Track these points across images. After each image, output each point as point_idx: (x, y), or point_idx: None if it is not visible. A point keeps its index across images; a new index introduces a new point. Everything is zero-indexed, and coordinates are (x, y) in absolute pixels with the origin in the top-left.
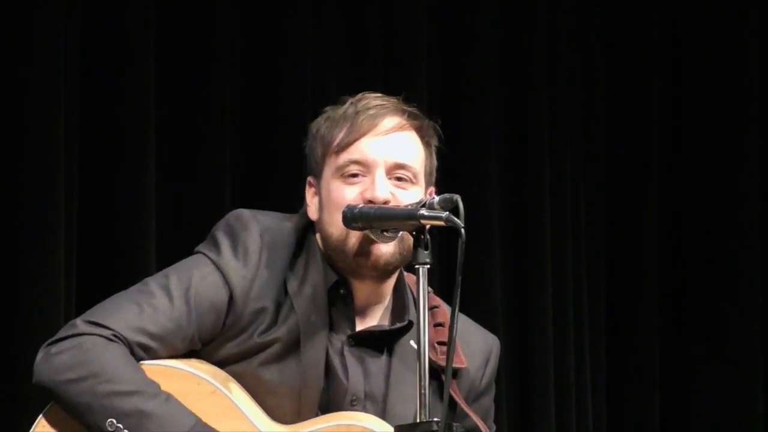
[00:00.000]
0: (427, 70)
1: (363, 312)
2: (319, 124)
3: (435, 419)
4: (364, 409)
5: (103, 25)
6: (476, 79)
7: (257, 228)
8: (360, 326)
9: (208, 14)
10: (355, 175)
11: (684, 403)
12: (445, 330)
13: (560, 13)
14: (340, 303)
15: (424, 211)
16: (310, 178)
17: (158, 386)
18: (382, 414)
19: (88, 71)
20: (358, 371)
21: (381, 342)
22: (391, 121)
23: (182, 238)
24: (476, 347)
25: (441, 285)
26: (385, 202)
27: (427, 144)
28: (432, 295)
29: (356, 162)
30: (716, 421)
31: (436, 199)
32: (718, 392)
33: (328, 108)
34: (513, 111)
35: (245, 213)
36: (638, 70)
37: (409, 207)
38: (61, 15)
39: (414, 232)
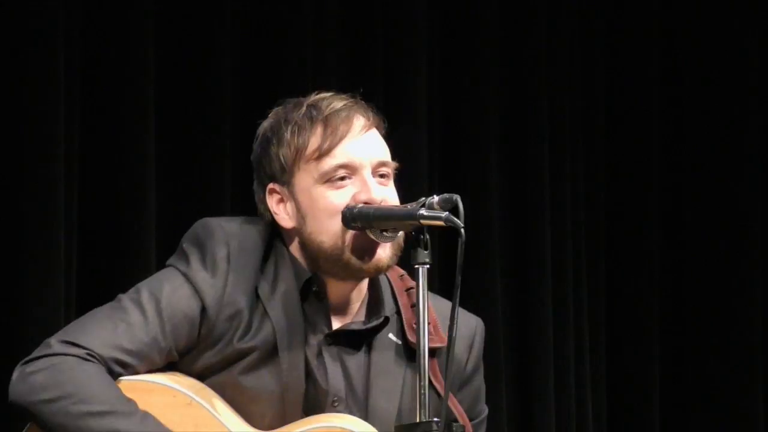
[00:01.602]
0: (427, 71)
1: (338, 308)
2: (278, 129)
3: (435, 419)
4: (347, 409)
5: (103, 25)
6: (476, 80)
7: (223, 235)
8: (336, 323)
9: (208, 15)
10: (341, 179)
11: (684, 403)
12: None
13: (560, 14)
14: (313, 300)
15: (423, 211)
16: (272, 185)
17: (134, 404)
18: (365, 411)
19: (88, 71)
20: (337, 371)
21: (359, 338)
22: (361, 119)
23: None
24: (458, 331)
25: (441, 285)
26: (379, 203)
27: (385, 138)
28: (406, 276)
29: (343, 166)
30: (716, 421)
31: (436, 198)
32: (719, 392)
33: (276, 110)
34: (513, 111)
35: (210, 221)
36: (638, 68)
37: (409, 207)
38: (61, 16)
39: (413, 232)
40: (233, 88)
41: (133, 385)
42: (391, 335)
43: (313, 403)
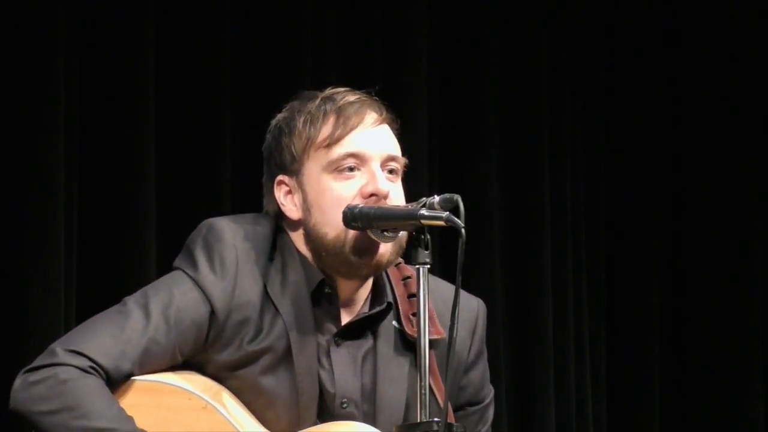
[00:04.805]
0: (428, 72)
1: (346, 306)
2: (291, 120)
3: (435, 419)
4: (357, 409)
5: (103, 24)
6: (476, 80)
7: (231, 237)
8: (345, 318)
9: (208, 13)
10: (351, 169)
11: (684, 404)
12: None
13: (560, 14)
14: (324, 302)
15: (424, 211)
16: (281, 177)
17: (132, 422)
18: (373, 402)
19: (88, 71)
20: (344, 371)
21: (364, 327)
22: (374, 113)
23: (182, 238)
24: (460, 316)
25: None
26: (386, 195)
27: (397, 136)
28: (403, 265)
29: (352, 155)
30: (716, 422)
31: (437, 198)
32: (719, 392)
33: (292, 103)
34: (513, 111)
35: (217, 223)
36: (639, 69)
37: (409, 207)
38: (62, 15)
39: (414, 232)
40: (233, 88)
41: (148, 386)
42: (394, 322)
43: (324, 406)
